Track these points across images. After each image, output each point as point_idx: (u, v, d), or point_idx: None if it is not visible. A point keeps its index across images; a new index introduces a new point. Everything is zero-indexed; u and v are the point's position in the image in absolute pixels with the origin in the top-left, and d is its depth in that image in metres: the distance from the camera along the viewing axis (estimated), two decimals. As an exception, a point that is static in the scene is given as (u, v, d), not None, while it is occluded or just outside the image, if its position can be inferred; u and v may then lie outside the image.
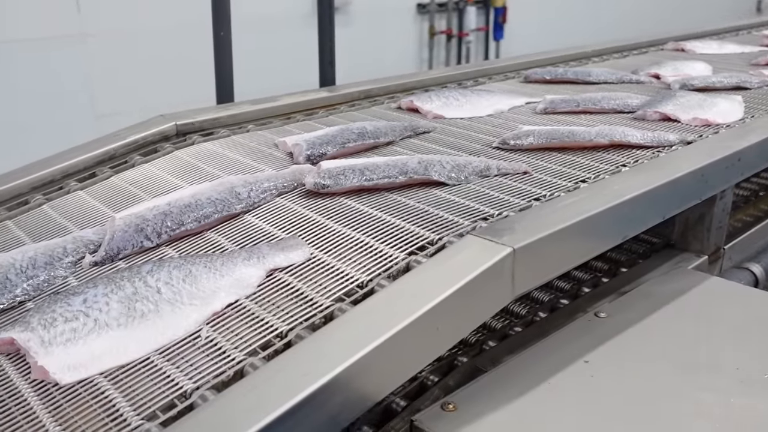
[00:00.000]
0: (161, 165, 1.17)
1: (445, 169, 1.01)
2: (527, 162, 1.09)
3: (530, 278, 0.81)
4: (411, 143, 1.23)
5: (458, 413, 0.74)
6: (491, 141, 1.22)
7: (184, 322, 0.73)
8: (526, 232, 0.80)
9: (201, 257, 0.81)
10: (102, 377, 0.67)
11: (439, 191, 0.97)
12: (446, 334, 0.73)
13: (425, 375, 0.82)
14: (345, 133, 1.17)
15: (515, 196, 0.96)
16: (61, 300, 0.75)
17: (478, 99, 1.50)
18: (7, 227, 1.02)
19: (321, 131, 1.19)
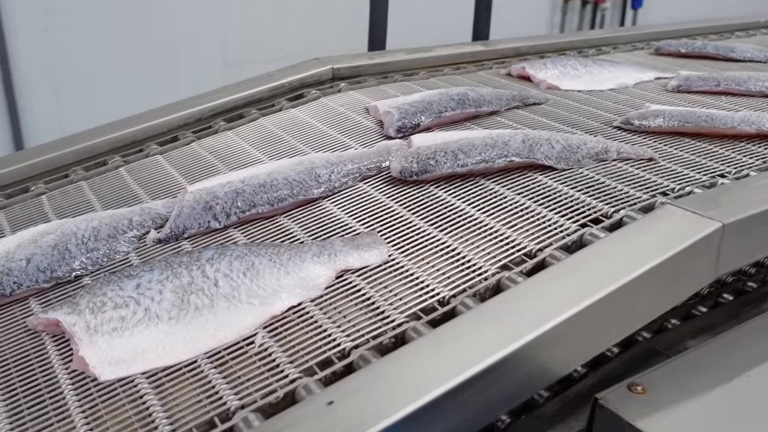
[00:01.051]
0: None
1: (553, 149, 0.87)
2: (653, 147, 0.94)
3: (735, 257, 0.74)
4: (518, 115, 1.08)
5: (648, 397, 0.65)
6: (612, 119, 1.06)
7: (239, 323, 0.65)
8: (736, 207, 0.73)
9: (267, 247, 0.72)
10: (143, 378, 0.60)
11: (543, 177, 0.84)
12: (643, 310, 0.67)
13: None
14: (443, 100, 1.04)
15: (637, 187, 0.82)
16: (114, 282, 0.69)
17: (600, 70, 1.33)
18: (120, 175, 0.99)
19: (417, 95, 1.07)
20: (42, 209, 0.93)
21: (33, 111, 2.62)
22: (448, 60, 1.39)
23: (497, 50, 1.48)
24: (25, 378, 0.63)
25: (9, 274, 0.73)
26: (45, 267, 0.75)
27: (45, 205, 0.94)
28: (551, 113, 1.09)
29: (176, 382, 0.60)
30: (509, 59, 1.46)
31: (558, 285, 0.63)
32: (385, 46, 1.89)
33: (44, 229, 0.81)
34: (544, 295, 0.62)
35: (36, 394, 0.61)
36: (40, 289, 0.74)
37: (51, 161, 1.04)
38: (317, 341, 0.62)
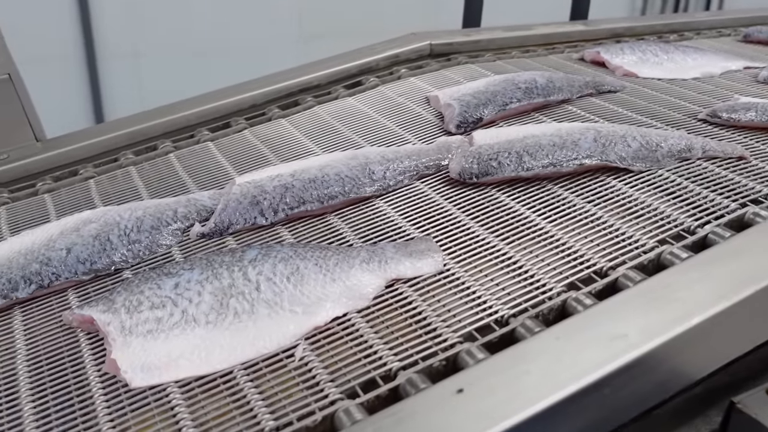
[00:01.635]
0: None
1: (629, 148, 0.79)
2: (744, 144, 0.85)
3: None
4: (591, 104, 1.00)
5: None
6: (695, 111, 0.97)
7: (280, 333, 0.60)
8: None
9: (313, 250, 0.68)
10: (176, 387, 0.57)
11: (617, 181, 0.77)
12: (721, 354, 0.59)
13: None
14: (509, 90, 0.96)
15: (725, 193, 0.74)
16: (153, 280, 0.65)
17: (683, 57, 1.22)
18: (169, 160, 0.96)
19: (481, 83, 0.99)
20: (89, 194, 0.90)
21: (114, 85, 2.62)
22: (544, 40, 1.31)
23: (603, 30, 1.39)
24: (56, 376, 0.60)
25: (48, 264, 0.71)
26: (85, 258, 0.72)
27: (92, 190, 0.91)
28: (627, 102, 1.00)
29: (210, 394, 0.56)
30: (582, 43, 1.36)
31: (630, 314, 0.57)
32: (480, 23, 1.82)
33: (88, 217, 0.79)
34: (614, 324, 0.56)
35: (65, 395, 0.58)
36: (79, 282, 0.71)
37: (101, 144, 1.02)
38: (361, 358, 0.57)
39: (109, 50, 2.56)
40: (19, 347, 0.64)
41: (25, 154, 1.01)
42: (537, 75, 1.01)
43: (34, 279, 0.70)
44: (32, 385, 0.59)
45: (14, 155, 1.01)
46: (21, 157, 1.00)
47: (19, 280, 0.69)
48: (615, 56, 1.19)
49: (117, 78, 2.62)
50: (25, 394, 0.58)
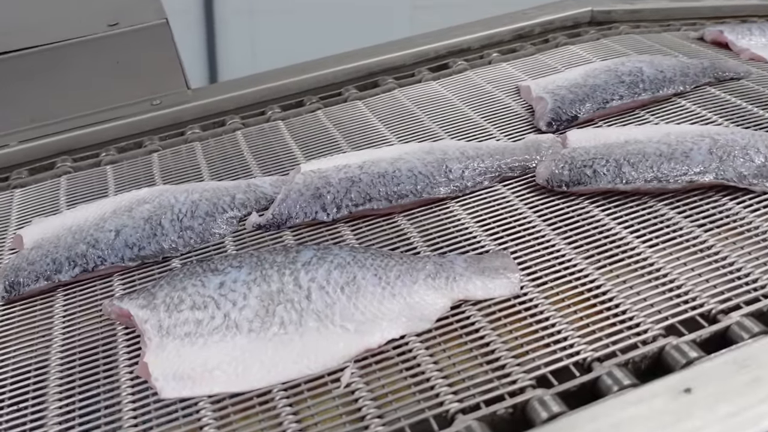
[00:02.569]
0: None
1: (752, 163, 0.67)
2: None
3: None
4: (708, 96, 0.86)
5: None
6: None
7: (327, 351, 0.54)
8: None
9: (374, 257, 0.60)
10: (208, 403, 0.51)
11: (734, 203, 0.65)
12: None
13: None
14: (610, 83, 0.84)
15: None
16: (197, 275, 0.60)
17: None
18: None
19: (578, 72, 0.88)
20: (137, 169, 0.86)
21: (228, 46, 2.61)
22: (714, 13, 1.18)
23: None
24: (86, 373, 0.56)
25: (95, 246, 0.67)
26: (133, 243, 0.67)
27: (154, 164, 0.87)
28: (753, 93, 0.85)
29: (244, 415, 0.50)
30: (703, 21, 1.21)
31: (746, 379, 0.47)
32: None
33: (144, 196, 0.74)
34: (724, 394, 0.46)
35: (93, 392, 0.54)
36: (125, 268, 0.67)
37: (250, 96, 1.00)
38: (415, 392, 0.50)
39: (229, 7, 2.55)
40: (56, 335, 0.60)
41: (177, 101, 0.99)
42: (644, 63, 0.89)
43: (79, 261, 0.66)
44: (61, 380, 0.55)
45: (166, 102, 0.99)
46: (173, 104, 0.99)
47: (63, 261, 0.65)
48: (741, 37, 1.03)
49: (232, 36, 2.60)
50: (53, 390, 0.54)
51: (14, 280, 0.64)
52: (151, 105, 0.99)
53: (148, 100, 0.99)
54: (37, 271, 0.65)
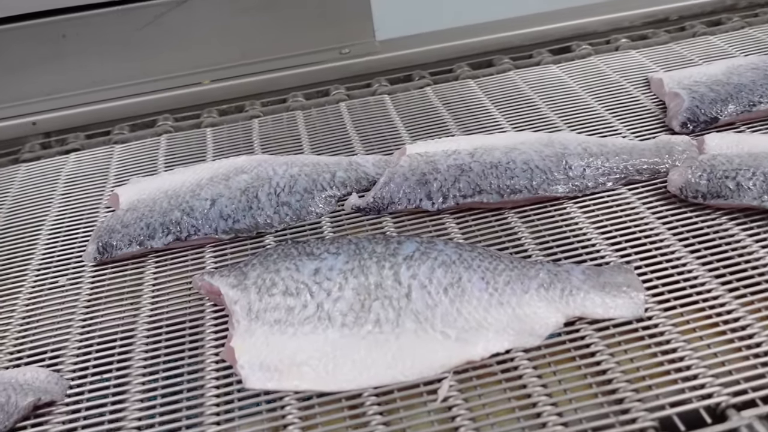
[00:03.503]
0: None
1: None
2: None
3: None
4: None
5: None
6: None
7: (425, 359, 0.49)
8: None
9: (482, 258, 0.55)
10: (294, 400, 0.48)
11: None
12: None
13: None
14: (758, 84, 0.74)
15: None
16: (292, 258, 0.56)
17: None
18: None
19: (719, 67, 0.79)
20: (237, 135, 0.83)
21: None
22: None
23: None
24: (172, 346, 0.54)
25: (190, 214, 0.64)
26: (228, 214, 0.65)
27: (255, 130, 0.84)
28: None
29: (331, 418, 0.47)
30: None
31: None
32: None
33: (242, 165, 0.71)
34: None
35: (176, 371, 0.52)
36: (218, 240, 0.64)
37: (438, 52, 0.97)
38: (519, 417, 0.45)
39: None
40: (144, 303, 0.59)
41: (366, 51, 0.97)
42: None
43: (173, 229, 0.63)
44: (146, 353, 0.53)
45: (355, 51, 0.97)
46: (361, 54, 0.97)
47: (157, 227, 0.63)
48: None
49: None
50: (137, 363, 0.53)
51: (107, 242, 0.63)
52: (340, 54, 0.96)
53: (337, 48, 0.97)
54: (131, 235, 0.63)
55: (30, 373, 0.50)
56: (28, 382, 0.49)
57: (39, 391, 0.49)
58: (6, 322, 0.58)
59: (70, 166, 0.82)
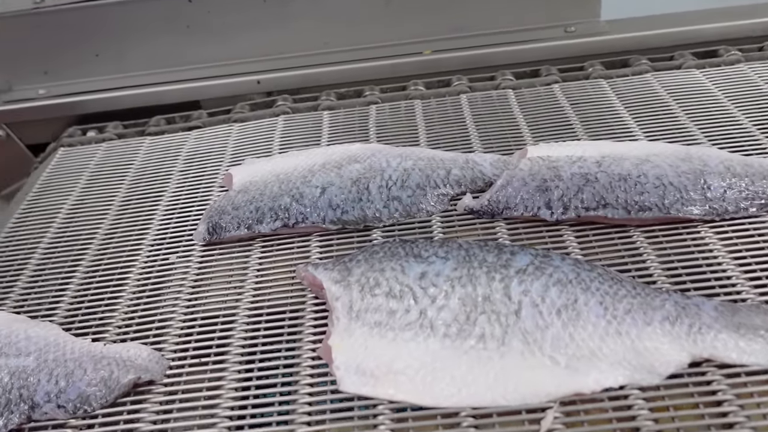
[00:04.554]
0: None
1: None
2: None
3: None
4: None
5: None
6: None
7: (530, 384, 0.46)
8: None
9: (602, 279, 0.51)
10: (387, 409, 0.46)
11: None
12: None
13: None
14: None
15: None
16: (398, 258, 0.54)
17: None
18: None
19: None
20: (353, 119, 0.82)
21: None
22: None
23: None
24: (270, 336, 0.53)
25: (299, 201, 0.64)
26: (337, 204, 0.63)
27: (371, 117, 0.82)
28: None
29: None
30: None
31: None
32: None
33: (356, 153, 0.70)
34: None
35: (272, 362, 0.51)
36: (325, 230, 0.63)
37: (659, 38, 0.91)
38: (630, 465, 0.41)
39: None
40: (247, 288, 0.58)
41: (589, 31, 0.93)
42: None
43: (281, 215, 0.63)
44: (245, 340, 0.53)
45: (579, 30, 0.93)
46: (584, 34, 0.92)
47: (266, 211, 0.63)
48: None
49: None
50: (235, 350, 0.52)
51: (217, 223, 0.63)
52: (565, 32, 0.92)
53: (562, 26, 0.93)
54: (240, 217, 0.63)
55: (133, 349, 0.51)
56: (131, 359, 0.50)
57: (140, 369, 0.49)
58: (118, 294, 0.60)
59: (191, 143, 0.83)
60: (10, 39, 0.94)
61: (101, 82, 0.96)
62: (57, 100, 0.96)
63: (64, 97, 0.96)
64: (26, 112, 0.96)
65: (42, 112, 0.96)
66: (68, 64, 0.96)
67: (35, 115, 0.96)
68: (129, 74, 0.97)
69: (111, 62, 0.96)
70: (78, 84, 0.97)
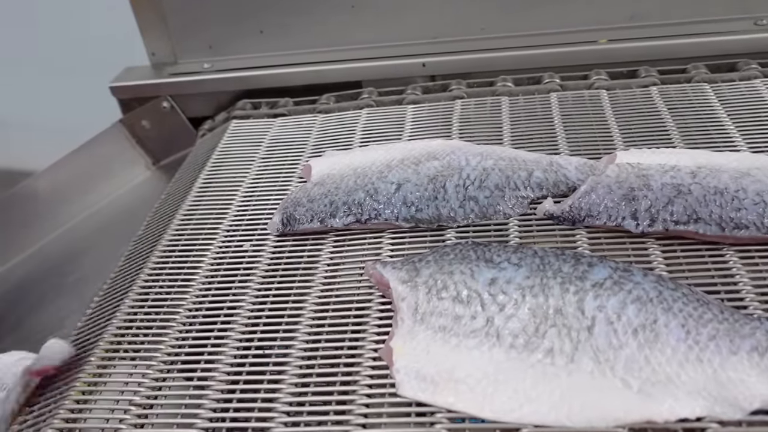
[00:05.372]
0: None
1: None
2: None
3: None
4: None
5: None
6: None
7: (597, 407, 0.43)
8: None
9: (686, 301, 0.47)
10: (445, 419, 0.45)
11: None
12: None
13: None
14: None
15: None
16: (469, 262, 0.53)
17: None
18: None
19: None
20: (436, 117, 0.80)
21: None
22: None
23: None
24: (333, 333, 0.53)
25: (373, 196, 0.63)
26: (412, 201, 0.62)
27: (456, 112, 0.81)
28: None
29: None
30: None
31: None
32: None
33: (435, 150, 0.68)
34: None
35: (333, 360, 0.50)
36: (398, 227, 0.62)
37: None
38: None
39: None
40: (316, 283, 0.58)
41: None
42: None
43: (354, 210, 0.62)
44: (308, 335, 0.53)
45: None
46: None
47: (340, 206, 0.63)
48: None
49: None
50: (299, 345, 0.52)
51: (291, 215, 0.63)
52: (755, 25, 0.88)
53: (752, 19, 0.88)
54: (314, 210, 0.63)
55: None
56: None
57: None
58: (191, 278, 0.61)
59: (275, 131, 0.84)
60: (178, 13, 0.97)
61: (265, 59, 0.97)
62: (222, 75, 0.97)
63: (229, 72, 0.97)
64: (191, 86, 0.98)
65: (206, 86, 0.98)
66: (233, 40, 0.98)
67: (200, 88, 0.98)
68: (292, 52, 0.97)
69: (275, 39, 0.97)
70: (241, 59, 0.98)
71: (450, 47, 0.94)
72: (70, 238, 0.93)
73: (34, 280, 0.85)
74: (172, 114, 1.00)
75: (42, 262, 0.89)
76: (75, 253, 0.89)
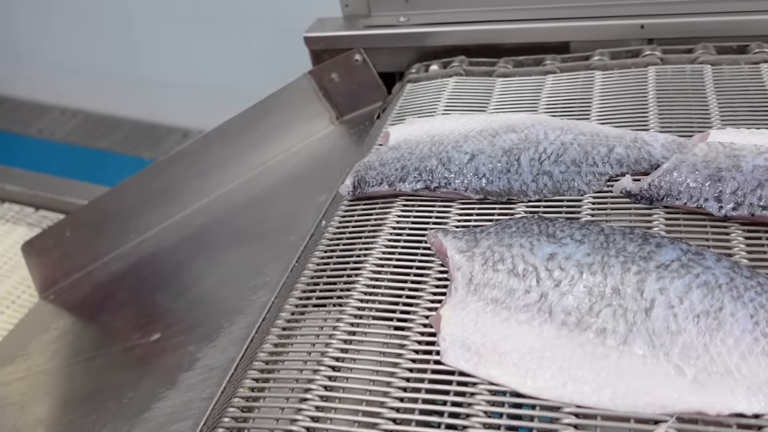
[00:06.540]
0: None
1: None
2: None
3: None
4: None
5: None
6: None
7: (644, 392, 0.41)
8: None
9: (760, 290, 0.44)
10: (485, 390, 0.44)
11: None
12: None
13: None
14: None
15: None
16: (530, 236, 0.51)
17: None
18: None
19: None
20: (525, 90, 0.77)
21: None
22: None
23: None
24: (389, 295, 0.53)
25: (445, 165, 0.62)
26: (483, 173, 0.61)
27: (546, 86, 0.78)
28: None
29: (518, 423, 0.42)
30: None
31: None
32: None
33: (515, 123, 0.66)
34: None
35: (385, 322, 0.51)
36: (467, 198, 0.61)
37: None
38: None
39: None
40: (378, 245, 0.58)
41: None
42: None
43: (424, 176, 0.62)
44: (363, 295, 0.53)
45: None
46: None
47: (411, 171, 0.62)
48: None
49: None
50: (352, 302, 0.53)
51: (362, 177, 0.64)
52: None
53: None
54: (384, 173, 0.63)
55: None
56: None
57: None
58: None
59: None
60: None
61: (467, 14, 0.91)
62: (420, 29, 0.91)
63: (424, 26, 0.91)
64: (387, 39, 0.93)
65: (402, 40, 0.93)
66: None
67: (395, 42, 0.93)
68: (500, 8, 0.90)
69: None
70: (439, 14, 0.92)
71: (672, 9, 0.84)
72: (250, 188, 0.93)
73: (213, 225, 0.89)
74: (363, 67, 0.94)
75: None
76: (260, 201, 0.89)
